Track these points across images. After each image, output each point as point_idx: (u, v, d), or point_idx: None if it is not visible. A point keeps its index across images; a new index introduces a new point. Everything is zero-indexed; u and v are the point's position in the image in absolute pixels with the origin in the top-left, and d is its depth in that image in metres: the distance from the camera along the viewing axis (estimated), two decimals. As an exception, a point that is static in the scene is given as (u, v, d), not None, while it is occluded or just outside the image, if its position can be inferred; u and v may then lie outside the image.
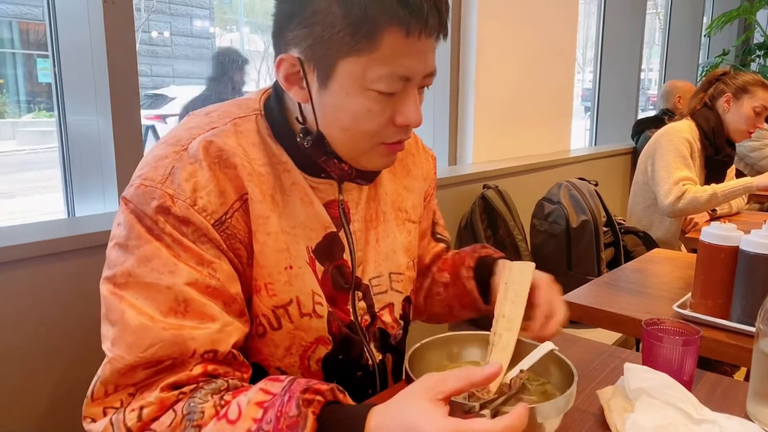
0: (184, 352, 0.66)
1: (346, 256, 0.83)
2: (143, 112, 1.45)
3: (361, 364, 0.86)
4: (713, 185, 2.12)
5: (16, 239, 1.06)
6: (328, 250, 0.81)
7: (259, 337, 0.77)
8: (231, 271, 0.72)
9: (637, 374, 0.76)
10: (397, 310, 0.90)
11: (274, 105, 0.79)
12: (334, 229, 0.82)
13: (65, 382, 1.11)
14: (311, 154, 0.77)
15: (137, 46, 1.36)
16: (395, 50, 0.69)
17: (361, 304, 0.86)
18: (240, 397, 0.63)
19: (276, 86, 0.80)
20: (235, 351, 0.71)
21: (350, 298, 0.84)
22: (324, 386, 0.61)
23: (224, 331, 0.69)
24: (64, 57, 1.38)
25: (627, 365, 0.78)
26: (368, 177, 0.84)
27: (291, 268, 0.77)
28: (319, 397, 0.60)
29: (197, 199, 0.69)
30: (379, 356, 0.88)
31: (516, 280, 0.87)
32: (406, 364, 0.74)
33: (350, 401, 0.63)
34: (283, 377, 0.65)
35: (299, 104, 0.76)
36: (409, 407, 0.56)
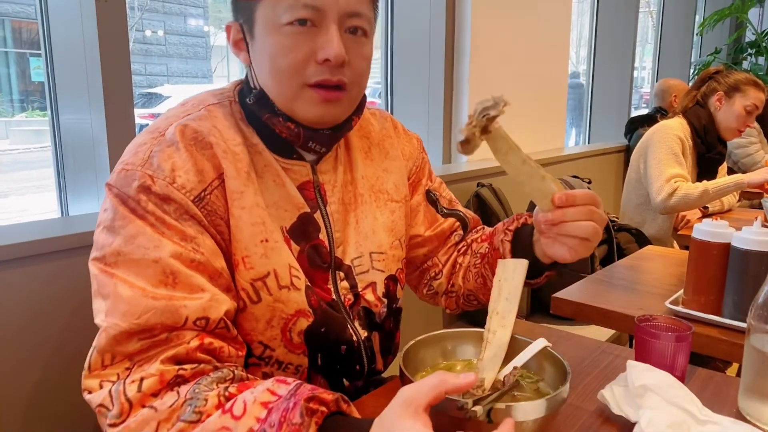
0: (176, 320, 0.67)
1: (323, 236, 0.85)
2: (137, 111, 1.45)
3: (344, 339, 0.86)
4: (705, 182, 2.13)
5: (10, 239, 1.05)
6: (303, 230, 0.83)
7: (240, 311, 0.78)
8: (214, 247, 0.74)
9: (639, 372, 0.76)
10: (380, 289, 0.91)
11: (246, 91, 0.83)
12: (308, 210, 0.84)
13: (60, 379, 1.11)
14: (256, 111, 0.81)
15: (131, 44, 1.36)
16: None
17: (344, 284, 0.87)
18: (246, 394, 0.63)
19: (248, 74, 0.85)
20: (227, 320, 0.72)
21: (330, 278, 0.86)
22: (329, 396, 0.62)
23: (214, 299, 0.71)
24: (57, 56, 1.38)
25: (629, 362, 0.78)
26: (323, 140, 0.83)
27: (267, 241, 0.78)
28: (323, 408, 0.60)
29: (176, 177, 0.72)
30: (364, 333, 0.89)
31: (510, 277, 0.87)
32: (400, 362, 0.74)
33: (355, 412, 0.63)
34: (290, 380, 0.65)
35: (252, 72, 0.81)
36: (397, 429, 0.55)
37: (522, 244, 0.91)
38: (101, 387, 0.66)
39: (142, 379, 0.64)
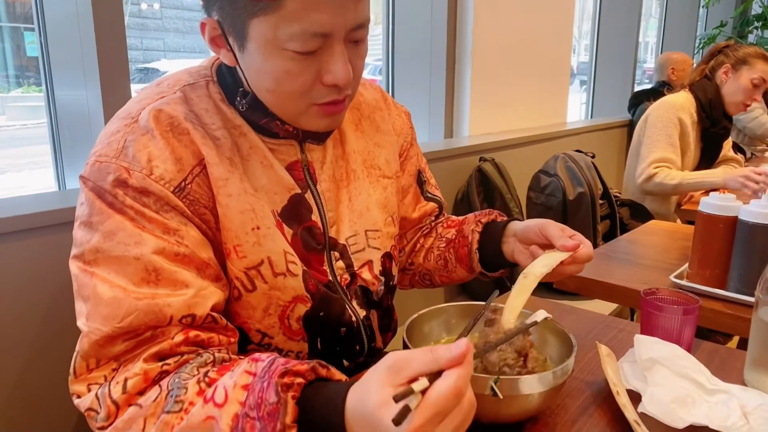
0: (161, 320, 0.65)
1: (315, 217, 0.82)
2: (133, 87, 1.42)
3: (344, 321, 0.85)
4: (682, 174, 2.16)
5: (6, 212, 1.04)
6: (295, 213, 0.80)
7: (236, 300, 0.76)
8: (199, 237, 0.71)
9: (647, 345, 0.76)
10: (377, 267, 0.89)
11: (225, 70, 0.78)
12: (299, 191, 0.81)
13: (58, 355, 1.11)
14: (250, 117, 0.77)
15: (126, 18, 1.32)
16: (302, 5, 0.65)
17: (340, 264, 0.85)
18: (225, 379, 0.61)
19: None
20: (215, 314, 0.70)
21: (325, 259, 0.84)
22: (303, 366, 0.58)
23: (200, 295, 0.68)
24: (50, 30, 1.35)
25: (637, 336, 0.78)
26: (318, 137, 0.82)
27: (258, 228, 0.75)
28: (299, 380, 0.57)
29: (153, 168, 0.69)
30: (362, 312, 0.88)
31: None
32: (404, 335, 0.74)
33: (335, 374, 0.60)
34: (264, 356, 0.62)
35: (242, 74, 0.75)
36: (374, 394, 0.51)
37: (492, 238, 0.94)
38: (89, 390, 0.65)
39: (126, 380, 0.63)
